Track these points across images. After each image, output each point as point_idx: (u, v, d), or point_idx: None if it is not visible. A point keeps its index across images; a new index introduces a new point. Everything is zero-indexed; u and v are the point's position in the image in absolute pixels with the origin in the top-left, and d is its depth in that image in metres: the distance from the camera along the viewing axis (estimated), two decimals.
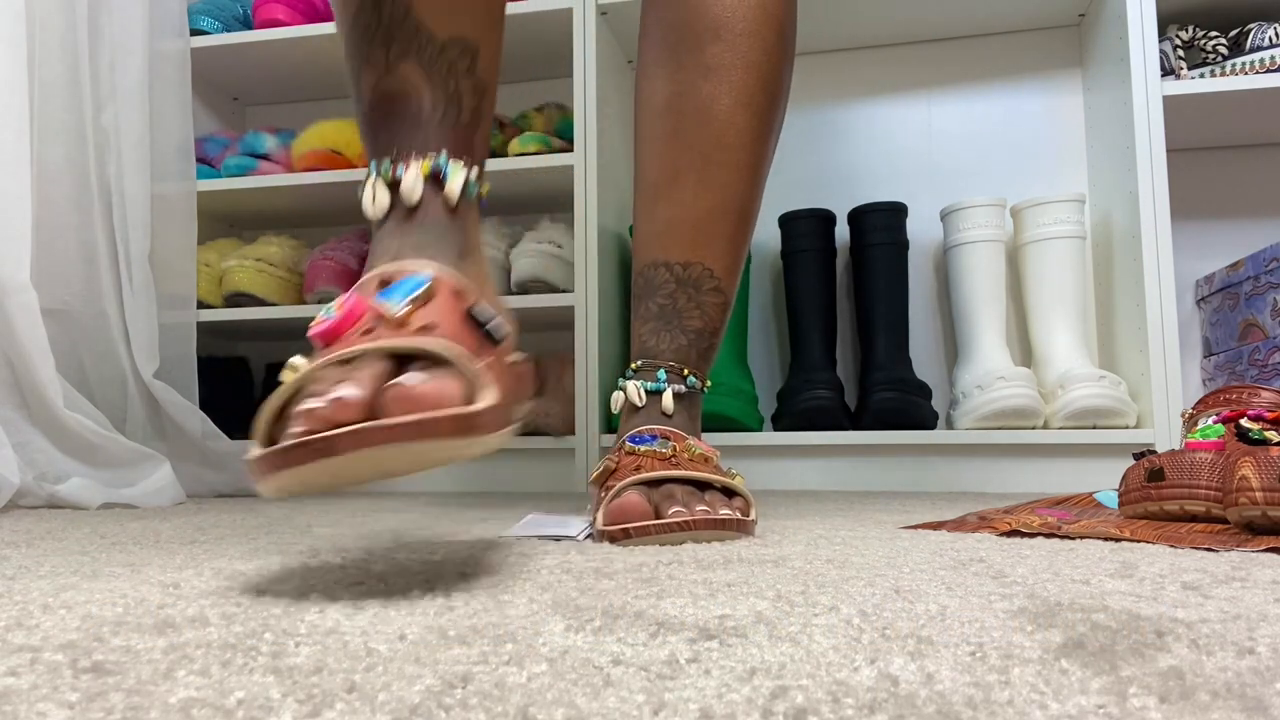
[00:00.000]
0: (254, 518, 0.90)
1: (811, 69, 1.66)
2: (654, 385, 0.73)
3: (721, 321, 0.77)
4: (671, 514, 0.60)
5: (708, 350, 0.77)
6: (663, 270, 0.76)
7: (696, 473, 0.66)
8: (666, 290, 0.75)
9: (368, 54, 0.53)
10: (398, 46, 0.52)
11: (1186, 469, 0.67)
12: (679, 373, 0.74)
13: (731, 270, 0.77)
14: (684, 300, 0.75)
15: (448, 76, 0.53)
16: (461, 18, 0.53)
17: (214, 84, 1.77)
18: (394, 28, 0.52)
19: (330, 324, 0.45)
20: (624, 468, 0.67)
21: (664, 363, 0.74)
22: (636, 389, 0.73)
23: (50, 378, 1.12)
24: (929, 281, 1.60)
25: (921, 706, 0.23)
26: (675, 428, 0.72)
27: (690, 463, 0.68)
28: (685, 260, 0.75)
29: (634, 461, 0.68)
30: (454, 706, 0.23)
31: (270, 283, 1.56)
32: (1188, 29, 1.36)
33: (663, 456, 0.67)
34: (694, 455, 0.69)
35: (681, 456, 0.68)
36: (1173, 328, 1.25)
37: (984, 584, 0.42)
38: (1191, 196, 1.52)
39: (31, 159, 1.15)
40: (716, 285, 0.76)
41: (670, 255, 0.75)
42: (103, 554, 0.59)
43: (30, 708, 0.24)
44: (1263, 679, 0.25)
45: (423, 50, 0.52)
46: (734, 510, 0.64)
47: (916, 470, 1.36)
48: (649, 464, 0.67)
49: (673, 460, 0.67)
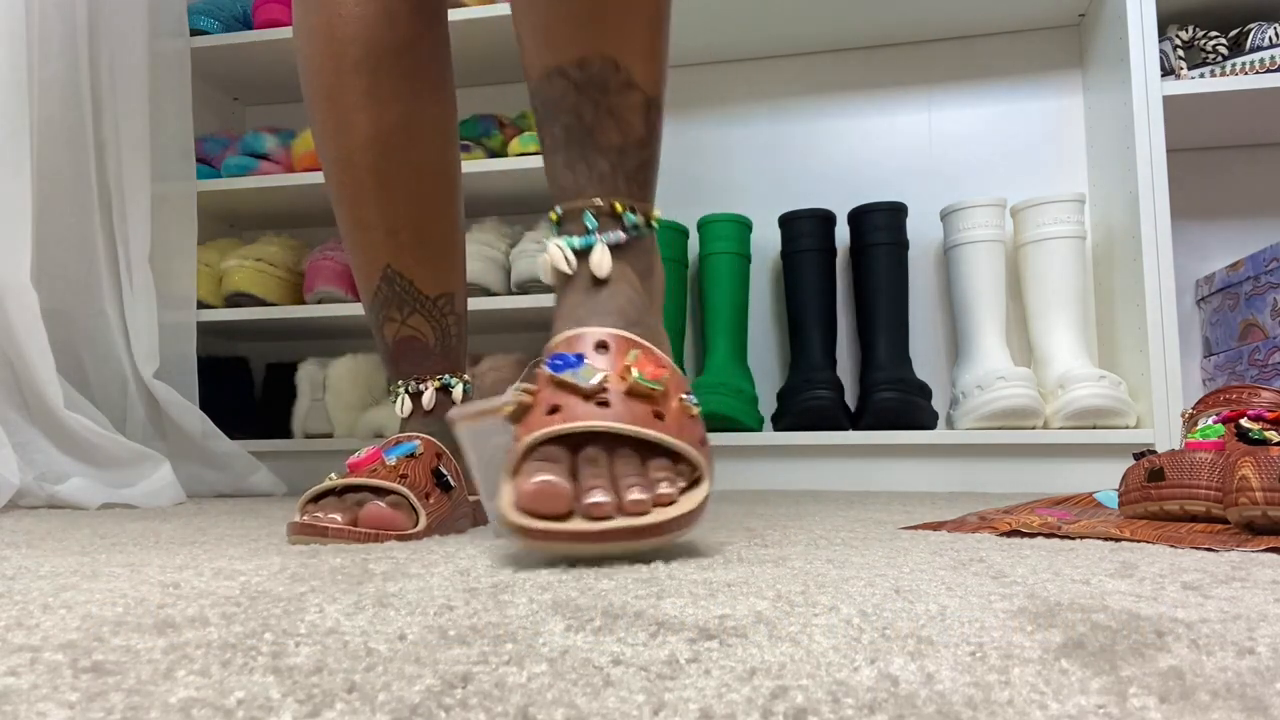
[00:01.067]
0: (254, 518, 0.90)
1: (811, 69, 1.66)
2: (582, 241, 0.58)
3: (648, 129, 0.61)
4: (588, 503, 0.48)
5: (640, 169, 0.61)
6: (557, 80, 0.60)
7: (631, 427, 0.51)
8: (567, 103, 0.60)
9: (388, 314, 0.77)
10: (407, 308, 0.77)
11: (1186, 469, 0.67)
12: (610, 211, 0.59)
13: (647, 57, 0.61)
14: (590, 112, 0.59)
15: (441, 319, 0.78)
16: (442, 278, 0.78)
17: (214, 84, 1.77)
18: (403, 295, 0.77)
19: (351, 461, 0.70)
20: (539, 407, 0.53)
21: (587, 202, 0.59)
22: (560, 251, 0.58)
23: (50, 378, 1.12)
24: (929, 281, 1.60)
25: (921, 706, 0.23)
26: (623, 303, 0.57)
27: (630, 400, 0.52)
28: (579, 57, 0.59)
29: (552, 397, 0.53)
30: (454, 706, 0.23)
31: (270, 283, 1.56)
32: (1188, 29, 1.36)
33: (587, 392, 0.52)
34: (636, 384, 0.53)
35: (616, 386, 0.53)
36: (1173, 328, 1.25)
37: (984, 584, 0.42)
38: (1191, 196, 1.52)
39: (31, 159, 1.15)
40: (627, 80, 0.60)
41: (561, 55, 0.60)
42: (103, 554, 0.59)
43: (30, 708, 0.24)
44: (1263, 679, 0.25)
45: (422, 306, 0.77)
46: (675, 491, 0.51)
47: (916, 470, 1.36)
48: (569, 405, 0.52)
49: (601, 398, 0.52)
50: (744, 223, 1.52)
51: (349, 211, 0.76)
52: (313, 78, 0.75)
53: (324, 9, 0.73)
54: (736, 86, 1.69)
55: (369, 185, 0.75)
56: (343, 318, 1.53)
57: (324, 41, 0.73)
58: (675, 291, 1.52)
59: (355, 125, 0.74)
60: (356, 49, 0.73)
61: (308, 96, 0.76)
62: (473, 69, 1.66)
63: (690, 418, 0.56)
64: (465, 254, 0.83)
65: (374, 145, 0.74)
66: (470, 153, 1.50)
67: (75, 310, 1.29)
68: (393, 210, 0.75)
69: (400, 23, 0.74)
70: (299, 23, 0.75)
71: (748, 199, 1.66)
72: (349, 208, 0.76)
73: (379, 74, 0.73)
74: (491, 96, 1.75)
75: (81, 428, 1.14)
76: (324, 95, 0.74)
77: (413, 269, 0.76)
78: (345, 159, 0.75)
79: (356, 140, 0.74)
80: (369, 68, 0.73)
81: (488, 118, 1.53)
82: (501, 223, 1.56)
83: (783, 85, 1.67)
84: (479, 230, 1.51)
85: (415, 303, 0.76)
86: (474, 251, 1.46)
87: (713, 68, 1.70)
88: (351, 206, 0.76)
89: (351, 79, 0.73)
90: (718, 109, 1.69)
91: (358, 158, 0.74)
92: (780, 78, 1.67)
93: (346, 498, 0.67)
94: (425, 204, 0.77)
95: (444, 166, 0.78)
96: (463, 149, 1.49)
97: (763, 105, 1.67)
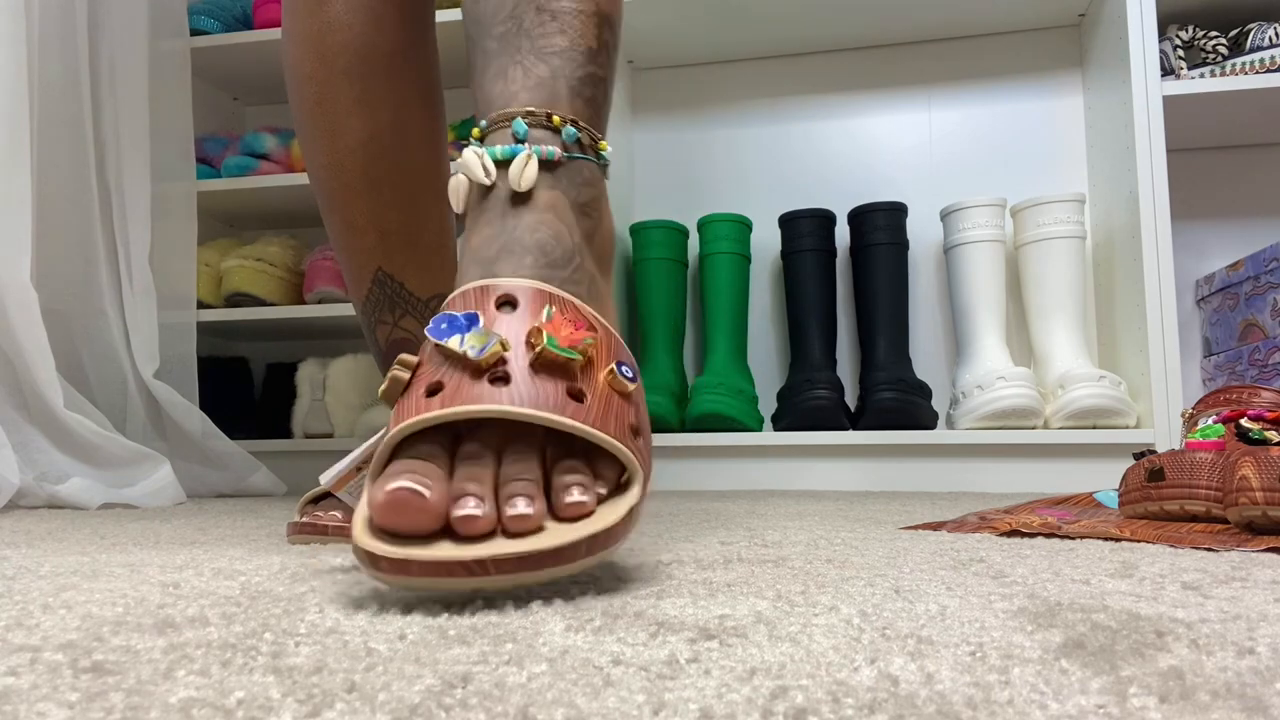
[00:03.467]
0: (254, 518, 0.90)
1: (811, 69, 1.66)
2: (505, 150, 0.46)
3: (601, 43, 0.52)
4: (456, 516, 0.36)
5: (587, 83, 0.50)
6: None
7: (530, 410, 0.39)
8: (504, 11, 0.51)
9: (380, 316, 0.76)
10: (399, 309, 0.75)
11: (1186, 469, 0.67)
12: (545, 122, 0.47)
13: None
14: (531, 15, 0.50)
15: None
16: (434, 281, 0.77)
17: (214, 84, 1.77)
18: (394, 298, 0.75)
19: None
20: (416, 386, 0.41)
21: (518, 108, 0.48)
22: (476, 157, 0.46)
23: (50, 378, 1.12)
24: (929, 281, 1.60)
25: (921, 706, 0.23)
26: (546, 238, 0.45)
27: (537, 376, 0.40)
28: None
29: (434, 373, 0.40)
30: (454, 706, 0.23)
31: (270, 283, 1.56)
32: (1188, 29, 1.36)
33: (478, 366, 0.40)
34: (546, 351, 0.40)
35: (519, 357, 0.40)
36: (1173, 328, 1.25)
37: (984, 584, 0.42)
38: (1191, 196, 1.52)
39: (31, 159, 1.15)
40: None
41: None
42: (103, 554, 0.59)
43: (30, 708, 0.24)
44: (1263, 679, 0.25)
45: (414, 308, 0.76)
46: (591, 500, 0.38)
47: (916, 470, 1.36)
48: (454, 383, 0.39)
49: (499, 372, 0.40)
50: (744, 223, 1.52)
51: (340, 215, 0.76)
52: (302, 84, 0.75)
53: (314, 17, 0.74)
54: (736, 86, 1.69)
55: (360, 189, 0.75)
56: (343, 318, 1.53)
57: (314, 49, 0.74)
58: (675, 291, 1.52)
59: (346, 130, 0.74)
60: (347, 56, 0.74)
61: (296, 103, 0.76)
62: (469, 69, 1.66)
63: (622, 397, 0.42)
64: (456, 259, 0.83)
65: (365, 149, 0.75)
66: None
67: (75, 310, 1.29)
68: (383, 213, 0.76)
69: (389, 31, 0.75)
70: (288, 30, 0.76)
71: (748, 199, 1.66)
72: (340, 211, 0.76)
73: (369, 80, 0.74)
74: None
75: (81, 428, 1.14)
76: (314, 101, 0.74)
77: (404, 272, 0.76)
78: (336, 163, 0.75)
79: (347, 144, 0.74)
80: (359, 74, 0.74)
81: None
82: None
83: (783, 85, 1.67)
84: None
85: (407, 305, 0.76)
86: None
87: (713, 68, 1.70)
88: (342, 210, 0.76)
89: (342, 85, 0.74)
90: (718, 109, 1.69)
91: (348, 161, 0.75)
92: (780, 78, 1.67)
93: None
94: (416, 207, 0.77)
95: (433, 171, 0.79)
96: (459, 148, 1.49)
97: (763, 105, 1.67)
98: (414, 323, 0.77)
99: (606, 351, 0.43)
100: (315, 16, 0.74)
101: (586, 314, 0.44)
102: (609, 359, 0.43)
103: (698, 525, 0.73)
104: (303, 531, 0.63)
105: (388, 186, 0.76)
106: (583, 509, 0.38)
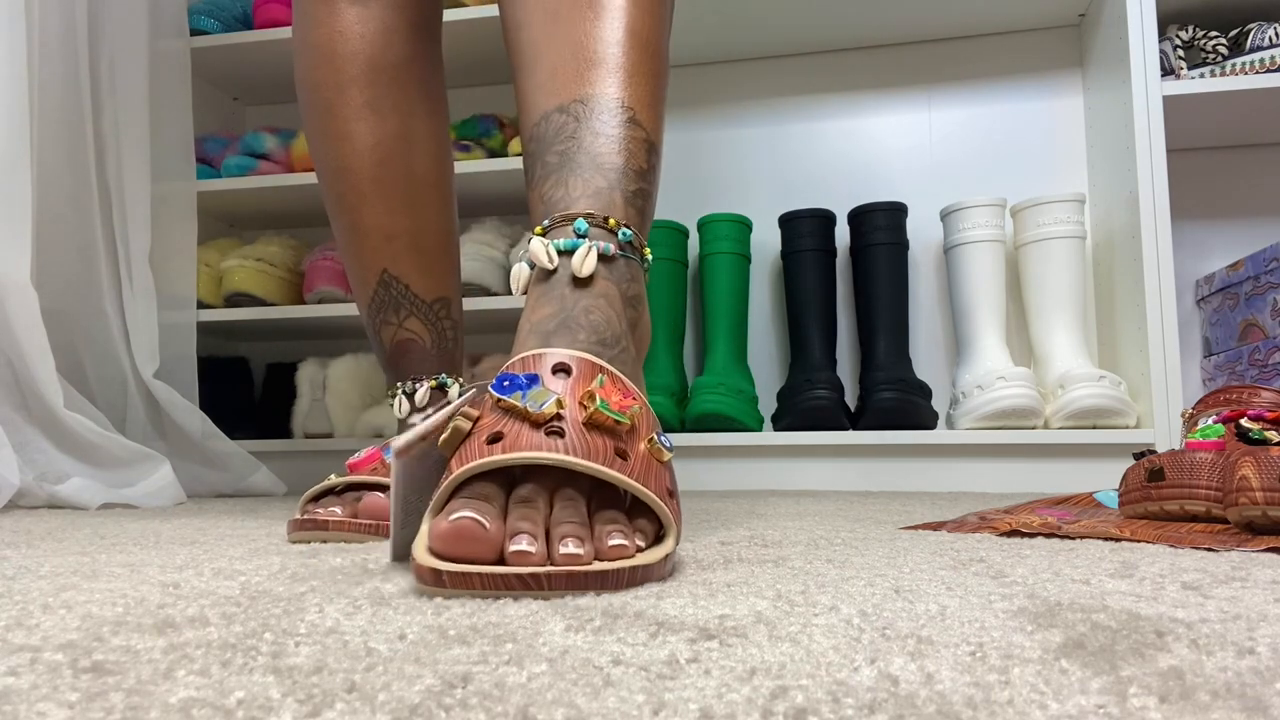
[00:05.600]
0: (254, 518, 0.90)
1: (811, 69, 1.66)
2: (568, 242, 0.52)
3: (650, 166, 0.58)
4: (511, 552, 0.39)
5: (638, 196, 0.56)
6: (556, 116, 0.57)
7: (584, 462, 0.43)
8: (566, 133, 0.57)
9: (385, 318, 0.78)
10: (404, 311, 0.78)
11: (1186, 469, 0.67)
12: (603, 223, 0.54)
13: (650, 105, 0.59)
14: (590, 137, 0.56)
15: (437, 323, 0.79)
16: (438, 284, 0.79)
17: (214, 84, 1.77)
18: (399, 299, 0.78)
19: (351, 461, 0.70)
20: (478, 435, 0.45)
21: (579, 211, 0.54)
22: (544, 247, 0.52)
23: (50, 378, 1.12)
24: (929, 281, 1.60)
25: (921, 706, 0.23)
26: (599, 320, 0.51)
27: (589, 433, 0.44)
28: (583, 95, 0.57)
29: (495, 423, 0.45)
30: (454, 706, 0.23)
31: (270, 283, 1.56)
32: (1188, 29, 1.36)
33: (538, 419, 0.44)
34: (598, 413, 0.45)
35: (573, 414, 0.45)
36: (1173, 328, 1.25)
37: (984, 584, 0.42)
38: (1191, 196, 1.52)
39: (31, 159, 1.15)
40: (632, 117, 0.57)
41: (563, 96, 0.57)
42: (103, 554, 0.59)
43: (30, 708, 0.24)
44: (1263, 679, 0.25)
45: (418, 310, 0.78)
46: (631, 545, 0.42)
47: (916, 470, 1.36)
48: (513, 433, 0.44)
49: (554, 426, 0.44)
50: (744, 223, 1.52)
51: (347, 219, 0.78)
52: (313, 91, 0.77)
53: (325, 26, 0.76)
54: (736, 86, 1.69)
55: (367, 192, 0.77)
56: (343, 318, 1.53)
57: (326, 57, 0.76)
58: (675, 291, 1.52)
59: (355, 135, 0.76)
60: (357, 64, 0.76)
61: (307, 109, 0.78)
62: (473, 69, 1.66)
63: (660, 464, 0.47)
64: (460, 262, 0.85)
65: (373, 154, 0.77)
66: (470, 152, 1.50)
67: (75, 310, 1.29)
68: (390, 217, 0.78)
69: (399, 40, 0.78)
70: (299, 39, 0.78)
71: (748, 199, 1.66)
72: (347, 214, 0.78)
73: (378, 88, 0.77)
74: (491, 96, 1.75)
75: (81, 428, 1.14)
76: (324, 108, 0.77)
77: (409, 274, 0.78)
78: (344, 167, 0.77)
79: (356, 148, 0.77)
80: (369, 81, 0.76)
81: (488, 118, 1.53)
82: (501, 223, 1.56)
83: (783, 85, 1.67)
84: (479, 230, 1.51)
85: (412, 306, 0.78)
86: (473, 251, 1.46)
87: (713, 68, 1.70)
88: (350, 213, 0.78)
89: (352, 92, 0.76)
90: (718, 109, 1.69)
91: (357, 165, 0.77)
92: (780, 78, 1.67)
93: (346, 496, 0.68)
94: (421, 211, 0.79)
95: (439, 176, 0.81)
96: (463, 149, 1.49)
97: (763, 105, 1.67)
98: (418, 324, 0.79)
99: (646, 422, 0.48)
100: (327, 26, 0.76)
101: (629, 387, 0.49)
102: (648, 430, 0.48)
103: (698, 525, 0.73)
104: (303, 528, 0.64)
105: (395, 191, 0.78)
106: (624, 551, 0.42)
